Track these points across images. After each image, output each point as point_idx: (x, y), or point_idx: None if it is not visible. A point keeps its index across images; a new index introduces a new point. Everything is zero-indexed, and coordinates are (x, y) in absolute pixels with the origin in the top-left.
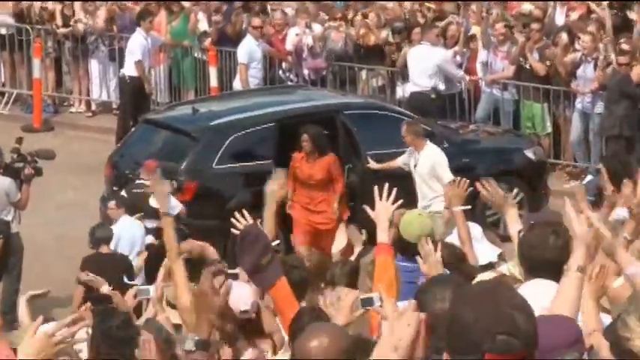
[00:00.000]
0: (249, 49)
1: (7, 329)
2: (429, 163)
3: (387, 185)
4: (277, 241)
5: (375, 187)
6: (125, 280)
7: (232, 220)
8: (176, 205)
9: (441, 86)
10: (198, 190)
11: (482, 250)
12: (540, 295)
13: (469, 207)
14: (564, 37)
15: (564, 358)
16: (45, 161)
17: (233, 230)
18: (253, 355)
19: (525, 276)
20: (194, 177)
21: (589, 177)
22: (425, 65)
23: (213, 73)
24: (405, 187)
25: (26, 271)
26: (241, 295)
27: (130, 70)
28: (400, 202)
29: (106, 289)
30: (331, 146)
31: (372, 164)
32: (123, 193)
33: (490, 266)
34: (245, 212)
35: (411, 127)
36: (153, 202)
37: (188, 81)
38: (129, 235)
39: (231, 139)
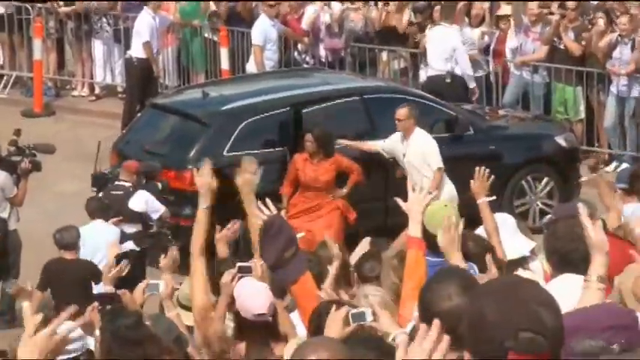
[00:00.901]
0: (264, 30)
1: (5, 328)
2: (420, 150)
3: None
4: (302, 234)
5: (408, 179)
6: (93, 287)
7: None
8: (160, 208)
9: (459, 70)
10: None
11: (514, 243)
12: (570, 292)
13: (494, 197)
14: (601, 22)
15: (587, 346)
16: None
17: (257, 222)
18: None
19: (552, 272)
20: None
21: (624, 165)
22: (442, 47)
23: (224, 54)
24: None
25: (25, 266)
26: (258, 296)
27: (137, 51)
28: (434, 194)
29: (109, 289)
30: (349, 133)
31: (343, 141)
32: (101, 195)
33: (523, 260)
34: (268, 202)
35: (413, 111)
36: (133, 204)
37: (198, 63)
38: (93, 240)
39: (244, 125)
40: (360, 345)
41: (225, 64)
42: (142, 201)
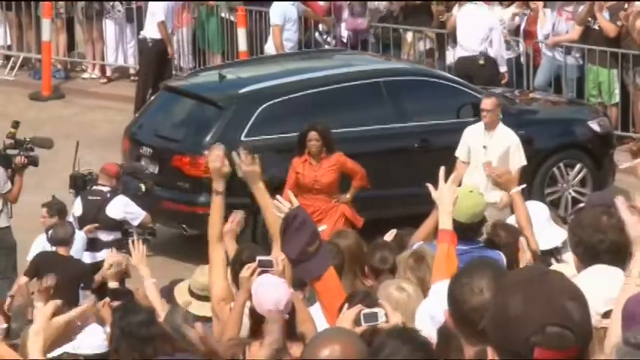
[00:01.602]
0: (283, 9)
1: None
2: (506, 144)
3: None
4: (324, 226)
5: (442, 168)
6: (80, 288)
7: (275, 202)
8: (140, 214)
9: (492, 52)
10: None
11: (547, 233)
12: (603, 284)
13: (524, 185)
14: (637, 2)
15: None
16: (54, 131)
17: (277, 213)
18: None
19: (578, 265)
20: None
21: None
22: (478, 27)
23: (241, 35)
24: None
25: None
26: (274, 291)
27: (151, 31)
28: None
29: (114, 285)
30: (372, 117)
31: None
32: (78, 201)
33: (556, 251)
34: (290, 193)
35: (498, 102)
36: (110, 211)
37: (214, 44)
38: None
39: (262, 109)
40: (394, 338)
41: (242, 45)
42: (120, 207)
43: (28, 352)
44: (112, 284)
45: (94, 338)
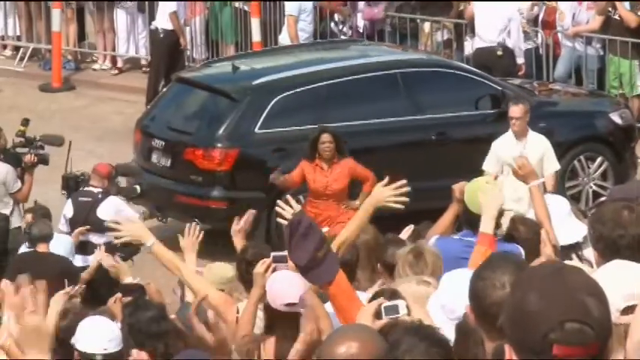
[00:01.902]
0: None
1: None
2: (541, 151)
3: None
4: (326, 228)
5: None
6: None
7: (277, 208)
8: (133, 216)
9: (510, 43)
10: (238, 157)
11: (568, 228)
12: (622, 279)
13: (543, 180)
14: None
15: None
16: (64, 123)
17: (280, 220)
18: None
19: (599, 260)
20: (234, 143)
21: None
22: (493, 17)
23: (255, 25)
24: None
25: None
26: (289, 285)
27: (163, 22)
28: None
29: (129, 280)
30: (388, 109)
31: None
32: (69, 202)
33: (577, 246)
34: (290, 199)
35: (527, 108)
36: (102, 213)
37: (227, 35)
38: None
39: (276, 101)
40: (411, 335)
41: (256, 35)
42: (112, 209)
43: None
44: (128, 280)
45: (94, 336)
